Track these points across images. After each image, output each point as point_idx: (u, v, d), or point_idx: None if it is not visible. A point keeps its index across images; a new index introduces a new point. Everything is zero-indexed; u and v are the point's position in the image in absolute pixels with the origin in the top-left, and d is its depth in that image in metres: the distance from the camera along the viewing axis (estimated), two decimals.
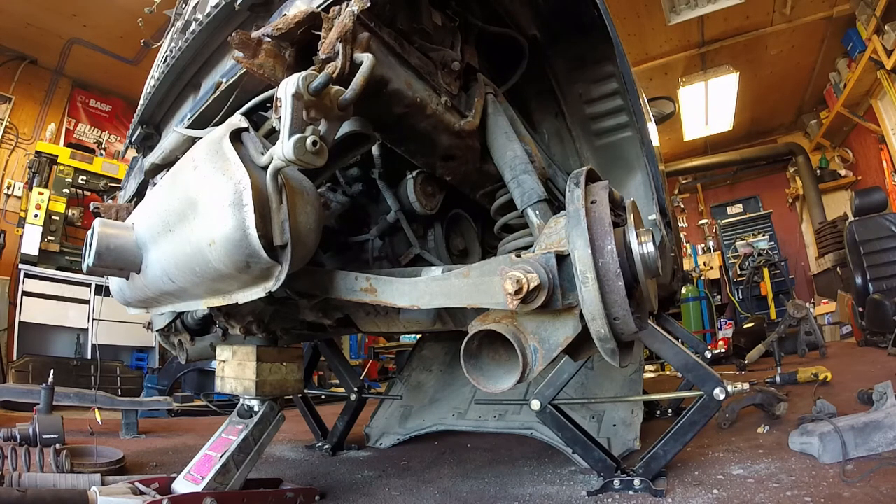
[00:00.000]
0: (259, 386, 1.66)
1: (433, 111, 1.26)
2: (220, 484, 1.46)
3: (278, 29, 1.00)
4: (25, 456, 1.69)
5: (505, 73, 1.74)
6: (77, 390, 2.90)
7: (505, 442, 2.46)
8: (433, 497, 1.72)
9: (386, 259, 1.89)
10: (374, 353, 6.94)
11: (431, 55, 1.31)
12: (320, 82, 0.93)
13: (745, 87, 6.67)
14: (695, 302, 7.45)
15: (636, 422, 2.03)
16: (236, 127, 1.10)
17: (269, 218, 1.02)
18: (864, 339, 4.71)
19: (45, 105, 6.04)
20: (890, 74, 5.35)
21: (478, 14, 1.53)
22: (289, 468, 2.24)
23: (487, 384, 1.06)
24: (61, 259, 5.41)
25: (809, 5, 5.51)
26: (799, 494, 1.38)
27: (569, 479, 1.80)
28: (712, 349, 4.03)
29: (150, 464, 2.24)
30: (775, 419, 2.21)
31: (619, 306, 1.00)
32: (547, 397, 1.71)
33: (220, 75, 1.29)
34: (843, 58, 6.29)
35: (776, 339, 4.11)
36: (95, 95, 6.47)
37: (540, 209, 1.42)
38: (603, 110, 1.92)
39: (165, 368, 4.83)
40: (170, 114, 1.63)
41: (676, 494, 1.51)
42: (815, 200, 7.66)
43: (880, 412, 1.76)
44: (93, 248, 1.24)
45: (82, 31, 5.50)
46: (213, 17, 1.25)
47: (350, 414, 2.55)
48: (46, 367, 3.71)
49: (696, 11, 5.32)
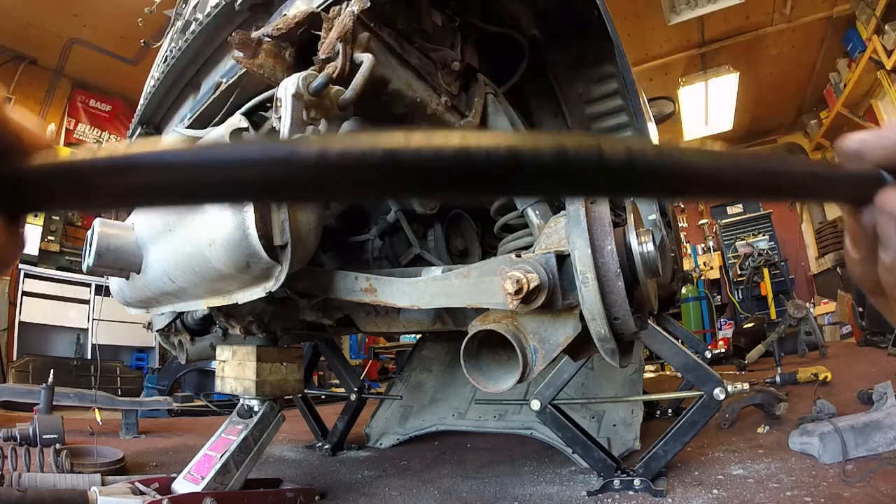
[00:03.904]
0: (259, 386, 1.65)
1: (433, 111, 1.26)
2: (220, 484, 1.46)
3: (278, 29, 1.00)
4: (25, 456, 1.69)
5: (505, 73, 1.74)
6: (77, 390, 2.90)
7: (505, 442, 2.46)
8: (433, 497, 1.72)
9: (386, 259, 1.89)
10: (374, 353, 6.94)
11: (431, 55, 1.31)
12: (320, 82, 0.93)
13: (745, 87, 6.66)
14: (695, 302, 7.44)
15: (636, 422, 2.03)
16: (236, 127, 1.10)
17: (269, 218, 1.03)
18: (864, 339, 4.71)
19: (45, 105, 6.04)
20: (890, 74, 5.34)
21: (478, 14, 1.53)
22: (289, 468, 2.24)
23: (487, 384, 1.05)
24: (61, 259, 5.41)
25: (809, 5, 5.51)
26: (799, 494, 1.38)
27: (569, 479, 1.80)
28: (712, 349, 4.03)
29: (150, 464, 2.24)
30: (775, 419, 2.21)
31: (619, 306, 1.00)
32: (547, 397, 1.71)
33: (220, 75, 1.30)
34: (843, 58, 6.28)
35: (776, 339, 4.11)
36: (95, 95, 6.47)
37: (540, 209, 1.42)
38: (603, 110, 1.92)
39: (165, 368, 4.83)
40: (170, 114, 1.63)
41: (676, 494, 1.51)
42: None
43: (880, 412, 1.77)
44: (93, 248, 1.24)
45: (82, 31, 5.50)
46: (213, 17, 1.25)
47: (350, 414, 2.55)
48: (46, 367, 3.70)
49: (696, 11, 5.32)
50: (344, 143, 0.22)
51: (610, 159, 0.24)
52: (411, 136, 0.22)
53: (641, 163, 0.25)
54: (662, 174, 0.25)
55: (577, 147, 0.24)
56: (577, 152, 0.24)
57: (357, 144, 0.22)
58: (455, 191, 0.25)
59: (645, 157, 0.25)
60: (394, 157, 0.22)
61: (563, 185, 0.26)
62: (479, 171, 0.23)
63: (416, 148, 0.22)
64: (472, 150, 0.23)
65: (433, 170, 0.23)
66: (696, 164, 0.26)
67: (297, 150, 0.22)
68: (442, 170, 0.23)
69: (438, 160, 0.22)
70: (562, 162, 0.23)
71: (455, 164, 0.23)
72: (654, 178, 0.25)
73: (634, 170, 0.25)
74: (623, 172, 0.25)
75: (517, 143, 0.23)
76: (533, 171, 0.23)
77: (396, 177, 0.23)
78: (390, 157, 0.22)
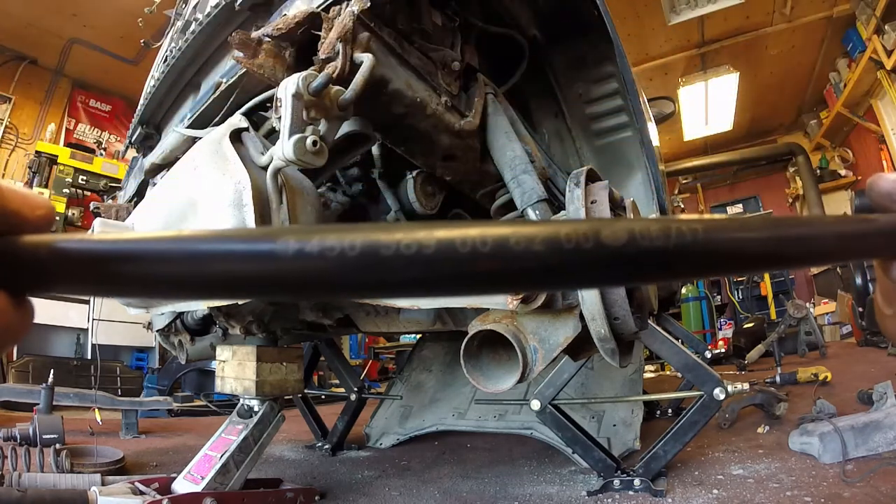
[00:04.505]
0: (259, 386, 1.66)
1: (433, 111, 1.26)
2: (220, 484, 1.46)
3: (278, 29, 1.00)
4: (25, 456, 1.69)
5: (505, 73, 1.74)
6: (77, 390, 2.90)
7: (505, 442, 2.46)
8: (433, 497, 1.72)
9: None
10: (374, 353, 6.94)
11: (431, 55, 1.30)
12: (320, 82, 0.93)
13: (745, 87, 6.66)
14: (695, 302, 7.44)
15: (636, 422, 2.03)
16: (236, 127, 1.10)
17: (269, 218, 1.03)
18: (864, 339, 4.71)
19: (45, 105, 6.03)
20: (890, 74, 5.34)
21: (478, 14, 1.53)
22: (289, 468, 2.24)
23: (487, 384, 1.06)
24: None
25: (809, 5, 5.51)
26: (799, 494, 1.38)
27: (569, 479, 1.80)
28: (712, 349, 4.03)
29: (150, 464, 2.24)
30: (775, 419, 2.21)
31: (619, 306, 1.00)
32: (547, 397, 1.71)
33: (220, 75, 1.30)
34: (843, 58, 6.28)
35: (776, 339, 4.11)
36: (95, 95, 6.47)
37: (540, 209, 1.42)
38: (603, 110, 1.92)
39: (165, 368, 4.83)
40: (170, 114, 1.63)
41: (676, 494, 1.51)
42: (815, 200, 7.64)
43: (880, 412, 1.77)
44: None
45: (82, 31, 5.50)
46: (213, 18, 1.25)
47: (350, 414, 2.55)
48: (46, 367, 3.70)
49: (696, 11, 5.32)
50: (324, 236, 0.21)
51: (610, 244, 0.21)
52: (394, 231, 0.21)
53: (645, 247, 0.22)
54: (684, 257, 0.22)
55: (572, 234, 0.21)
56: (575, 241, 0.21)
57: (337, 240, 0.20)
58: (451, 289, 0.24)
59: (650, 235, 0.22)
60: (374, 252, 0.20)
61: (554, 279, 0.24)
62: (474, 268, 0.21)
63: (398, 242, 0.20)
64: (460, 241, 0.21)
65: (418, 266, 0.21)
66: (727, 240, 0.23)
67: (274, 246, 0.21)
68: (427, 265, 0.21)
69: (422, 256, 0.20)
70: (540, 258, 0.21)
71: (439, 259, 0.21)
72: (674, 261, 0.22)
73: (634, 257, 0.22)
74: (626, 260, 0.22)
75: (506, 233, 0.21)
76: (516, 269, 0.21)
77: (375, 275, 0.21)
78: (370, 254, 0.20)
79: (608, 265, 0.22)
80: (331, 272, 0.21)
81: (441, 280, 0.22)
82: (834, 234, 0.27)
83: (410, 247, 0.20)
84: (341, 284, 0.22)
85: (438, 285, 0.22)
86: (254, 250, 0.21)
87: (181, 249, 0.22)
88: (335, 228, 0.21)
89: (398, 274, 0.21)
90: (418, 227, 0.21)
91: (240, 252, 0.21)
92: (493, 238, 0.21)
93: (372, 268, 0.21)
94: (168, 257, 0.22)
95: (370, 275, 0.21)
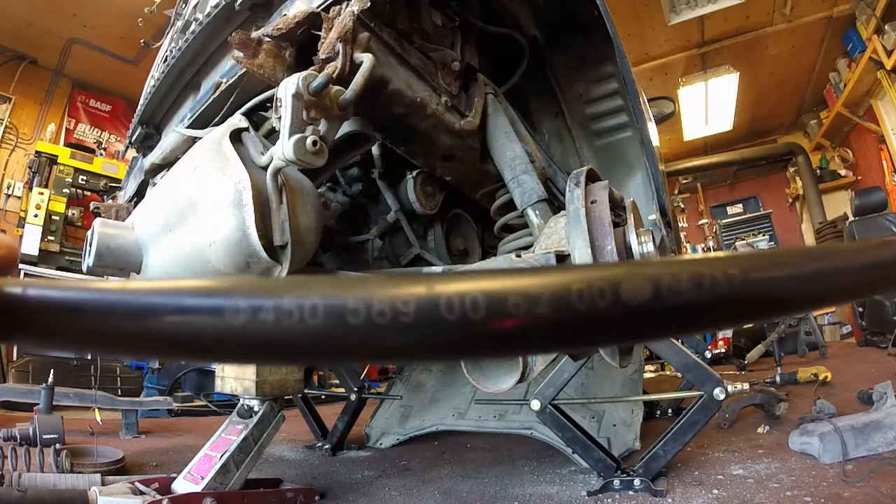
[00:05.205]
0: (259, 386, 1.66)
1: (433, 111, 1.26)
2: (220, 484, 1.46)
3: (278, 29, 1.00)
4: (25, 456, 1.69)
5: (505, 73, 1.74)
6: (77, 390, 2.90)
7: (505, 442, 2.45)
8: (433, 497, 1.72)
9: (386, 259, 1.89)
10: None
11: (431, 55, 1.31)
12: (320, 82, 0.93)
13: (745, 88, 6.66)
14: None
15: (636, 422, 2.03)
16: (236, 127, 1.10)
17: (269, 218, 1.03)
18: (864, 339, 4.71)
19: (45, 105, 6.03)
20: (890, 74, 5.34)
21: (478, 14, 1.53)
22: (289, 468, 2.24)
23: (487, 384, 1.05)
24: (61, 259, 5.40)
25: (809, 5, 5.51)
26: (799, 494, 1.38)
27: (569, 479, 1.80)
28: (712, 349, 4.03)
29: (150, 464, 2.24)
30: (775, 419, 2.21)
31: None
32: (547, 397, 1.71)
33: (220, 75, 1.30)
34: (843, 58, 6.28)
35: (776, 339, 4.10)
36: (95, 95, 6.47)
37: (540, 209, 1.42)
38: (603, 110, 1.92)
39: (165, 368, 4.82)
40: (170, 114, 1.63)
41: (676, 494, 1.51)
42: (815, 200, 7.65)
43: (880, 412, 1.77)
44: (93, 249, 1.24)
45: (82, 31, 5.49)
46: (213, 18, 1.25)
47: (350, 414, 2.55)
48: (46, 367, 3.70)
49: (696, 11, 5.32)
50: (279, 294, 0.17)
51: (631, 302, 0.18)
52: (369, 285, 0.17)
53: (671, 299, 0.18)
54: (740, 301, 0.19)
55: (585, 290, 0.17)
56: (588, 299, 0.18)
57: (301, 300, 0.17)
58: (436, 357, 0.20)
59: (679, 289, 0.18)
60: (340, 318, 0.17)
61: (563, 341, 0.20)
62: (464, 336, 0.17)
63: (369, 308, 0.17)
64: (445, 304, 0.17)
65: (396, 331, 0.17)
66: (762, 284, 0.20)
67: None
68: (404, 331, 0.17)
69: (404, 320, 0.17)
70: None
71: (425, 324, 0.17)
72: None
73: (661, 315, 0.19)
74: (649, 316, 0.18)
75: (503, 288, 0.17)
76: (514, 335, 0.17)
77: (342, 344, 0.17)
78: (336, 318, 0.17)
79: (628, 327, 0.18)
80: (293, 337, 0.17)
81: (423, 350, 0.18)
82: (875, 264, 0.24)
83: (384, 315, 0.16)
84: (301, 350, 0.18)
85: (421, 355, 0.20)
86: (204, 306, 0.18)
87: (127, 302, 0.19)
88: (295, 283, 0.18)
89: (371, 343, 0.17)
90: (396, 283, 0.17)
91: (191, 307, 0.19)
92: (486, 297, 0.17)
93: (340, 337, 0.17)
94: (113, 310, 0.19)
95: (337, 342, 0.17)
